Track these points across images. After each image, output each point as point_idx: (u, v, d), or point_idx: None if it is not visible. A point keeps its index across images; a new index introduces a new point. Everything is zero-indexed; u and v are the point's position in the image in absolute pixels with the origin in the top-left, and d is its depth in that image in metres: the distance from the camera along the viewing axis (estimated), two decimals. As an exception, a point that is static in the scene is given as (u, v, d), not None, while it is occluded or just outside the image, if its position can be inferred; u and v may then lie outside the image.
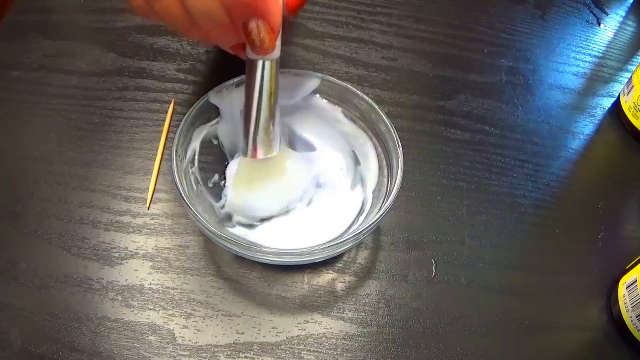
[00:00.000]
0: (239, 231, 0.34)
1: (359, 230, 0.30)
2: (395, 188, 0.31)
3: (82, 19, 0.46)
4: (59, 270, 0.33)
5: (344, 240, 0.30)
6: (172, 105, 0.41)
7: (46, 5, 0.47)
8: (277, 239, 0.34)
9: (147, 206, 0.36)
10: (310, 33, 0.47)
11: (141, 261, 0.34)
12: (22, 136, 0.39)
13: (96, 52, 0.44)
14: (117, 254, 0.34)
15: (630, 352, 0.34)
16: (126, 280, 0.33)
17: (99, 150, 0.39)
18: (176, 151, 0.32)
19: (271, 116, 0.31)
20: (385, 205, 0.31)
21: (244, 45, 0.29)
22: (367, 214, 0.34)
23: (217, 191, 0.36)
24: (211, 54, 0.45)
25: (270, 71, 0.30)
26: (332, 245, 0.30)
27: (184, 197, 0.30)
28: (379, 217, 0.30)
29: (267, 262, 0.31)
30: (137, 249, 0.34)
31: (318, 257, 0.31)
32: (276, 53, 0.29)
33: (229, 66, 0.35)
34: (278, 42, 0.29)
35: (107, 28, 0.45)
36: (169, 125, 0.40)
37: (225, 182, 0.36)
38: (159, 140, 0.39)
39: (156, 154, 0.38)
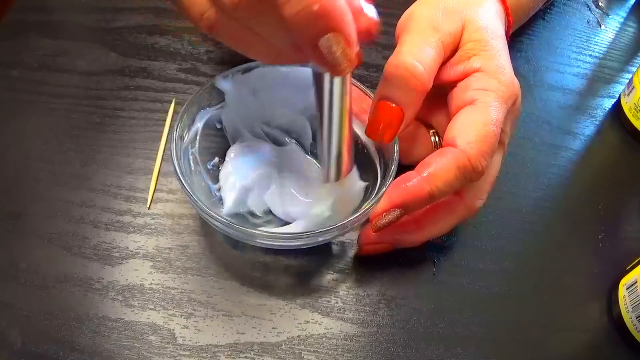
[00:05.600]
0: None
1: (347, 220, 0.30)
2: (386, 184, 0.31)
3: (82, 18, 0.46)
4: (59, 270, 0.33)
5: (330, 229, 0.30)
6: (172, 105, 0.41)
7: (47, 4, 0.47)
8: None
9: (148, 206, 0.36)
10: (311, 33, 0.47)
11: (142, 261, 0.34)
12: (22, 135, 0.39)
13: (97, 52, 0.44)
14: (117, 254, 0.34)
15: (631, 353, 0.34)
16: (127, 280, 0.33)
17: (99, 150, 0.39)
18: (177, 130, 0.32)
19: (345, 134, 0.29)
20: (373, 200, 0.31)
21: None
22: (358, 207, 0.34)
23: (216, 174, 0.36)
24: (212, 54, 0.45)
25: (343, 86, 0.26)
26: (316, 233, 0.30)
27: (179, 174, 0.31)
28: (365, 210, 0.31)
29: (256, 244, 0.32)
30: (137, 249, 0.34)
31: (301, 242, 0.31)
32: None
33: (230, 66, 0.35)
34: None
35: (107, 27, 0.45)
36: (170, 125, 0.40)
37: (222, 164, 0.36)
38: (160, 140, 0.39)
39: (157, 154, 0.38)
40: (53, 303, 0.32)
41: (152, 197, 0.37)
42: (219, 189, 0.35)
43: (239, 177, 0.35)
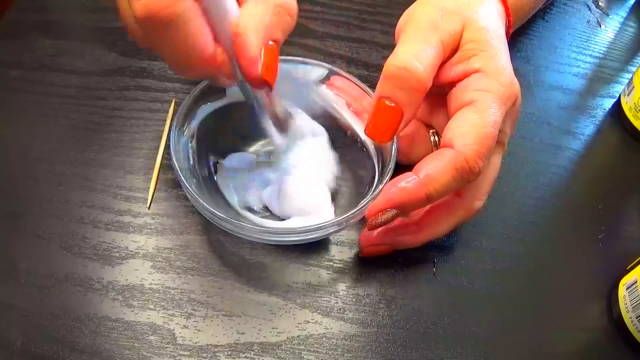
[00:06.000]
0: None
1: (342, 217, 0.31)
2: (383, 182, 0.32)
3: (82, 18, 0.46)
4: (60, 270, 0.33)
5: (327, 225, 0.31)
6: (172, 105, 0.41)
7: (47, 4, 0.47)
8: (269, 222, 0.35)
9: (148, 206, 0.36)
10: (311, 33, 0.47)
11: (141, 261, 0.34)
12: (22, 136, 0.39)
13: (97, 52, 0.44)
14: (117, 254, 0.34)
15: (631, 353, 0.34)
16: (126, 280, 0.33)
17: (99, 150, 0.39)
18: (176, 124, 0.32)
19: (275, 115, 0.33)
20: (370, 198, 0.31)
21: None
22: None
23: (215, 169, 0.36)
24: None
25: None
26: (312, 229, 0.30)
27: (177, 167, 0.31)
28: (361, 208, 0.31)
29: (253, 240, 0.32)
30: (137, 249, 0.34)
31: (297, 238, 0.32)
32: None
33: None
34: None
35: (108, 27, 0.45)
36: (170, 126, 0.40)
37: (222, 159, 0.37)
38: (160, 140, 0.39)
39: (157, 154, 0.38)
40: (53, 303, 0.32)
41: (152, 197, 0.37)
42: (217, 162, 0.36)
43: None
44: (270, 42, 0.28)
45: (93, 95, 0.41)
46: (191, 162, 0.34)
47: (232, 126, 0.37)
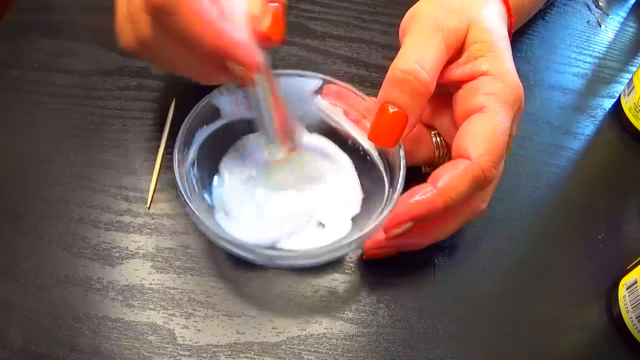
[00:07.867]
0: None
1: (352, 239, 0.30)
2: (396, 191, 0.31)
3: (82, 18, 0.46)
4: (60, 270, 0.33)
5: (340, 247, 0.30)
6: (172, 105, 0.41)
7: (47, 4, 0.47)
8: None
9: (148, 206, 0.36)
10: (311, 33, 0.47)
11: (142, 261, 0.34)
12: (22, 136, 0.39)
13: (97, 52, 0.44)
14: (117, 254, 0.34)
15: (631, 353, 0.34)
16: (127, 280, 0.33)
17: (99, 150, 0.39)
18: (178, 152, 0.32)
19: (281, 120, 0.33)
20: (382, 215, 0.31)
21: None
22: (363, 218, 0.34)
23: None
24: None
25: (264, 85, 0.32)
26: (330, 250, 0.30)
27: (186, 199, 0.30)
28: (374, 227, 0.30)
29: (265, 264, 0.32)
30: (137, 249, 0.34)
31: (317, 260, 0.31)
32: (262, 74, 0.31)
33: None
34: (261, 61, 0.30)
35: (108, 27, 0.45)
36: (170, 126, 0.40)
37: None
38: (160, 140, 0.39)
39: (157, 154, 0.38)
40: (53, 303, 0.32)
41: (152, 197, 0.37)
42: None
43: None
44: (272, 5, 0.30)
45: (93, 95, 0.41)
46: (195, 189, 0.33)
47: (231, 147, 0.37)
